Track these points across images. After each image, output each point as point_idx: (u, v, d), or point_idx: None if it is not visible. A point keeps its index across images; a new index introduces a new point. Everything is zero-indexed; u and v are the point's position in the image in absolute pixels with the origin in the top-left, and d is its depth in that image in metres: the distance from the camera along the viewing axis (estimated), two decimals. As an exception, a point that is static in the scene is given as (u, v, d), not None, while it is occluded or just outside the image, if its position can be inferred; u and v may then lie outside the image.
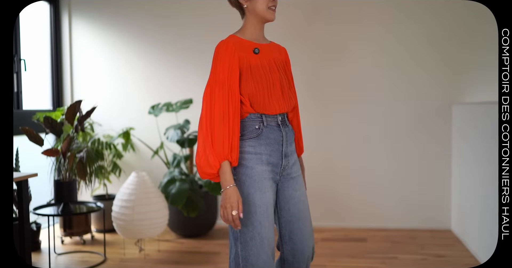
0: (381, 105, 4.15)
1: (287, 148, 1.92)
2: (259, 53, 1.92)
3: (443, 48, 4.07)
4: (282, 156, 1.90)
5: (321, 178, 4.19)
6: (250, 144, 1.87)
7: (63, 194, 3.38)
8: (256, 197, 1.82)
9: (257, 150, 1.86)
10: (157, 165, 4.33)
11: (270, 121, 1.89)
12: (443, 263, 3.29)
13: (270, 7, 1.91)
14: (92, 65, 4.50)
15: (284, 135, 1.92)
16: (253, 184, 1.83)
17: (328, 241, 3.82)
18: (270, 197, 1.85)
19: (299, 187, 1.96)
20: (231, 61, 1.85)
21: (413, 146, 4.13)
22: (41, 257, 3.52)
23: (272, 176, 1.89)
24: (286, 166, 1.92)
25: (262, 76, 1.88)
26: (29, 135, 3.28)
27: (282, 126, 1.92)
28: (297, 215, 1.92)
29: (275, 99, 1.89)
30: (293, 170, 1.96)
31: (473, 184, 3.49)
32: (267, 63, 1.91)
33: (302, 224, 1.93)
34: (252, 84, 1.86)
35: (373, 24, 4.14)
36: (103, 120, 4.42)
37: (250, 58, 1.88)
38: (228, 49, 1.87)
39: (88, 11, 4.49)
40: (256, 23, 1.95)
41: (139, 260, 3.42)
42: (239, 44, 1.90)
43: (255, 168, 1.85)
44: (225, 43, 1.88)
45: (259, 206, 1.82)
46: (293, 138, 1.98)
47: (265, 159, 1.87)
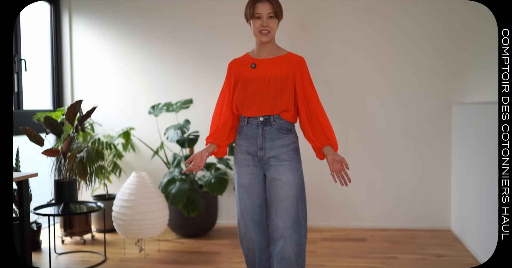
0: (381, 106, 4.15)
1: (264, 143, 2.36)
2: (256, 67, 2.36)
3: (443, 49, 4.07)
4: (257, 148, 2.37)
5: (321, 178, 4.18)
6: (237, 137, 2.45)
7: (64, 194, 3.38)
8: (236, 177, 2.45)
9: (240, 142, 2.42)
10: (157, 165, 4.34)
11: (251, 121, 2.37)
12: (442, 263, 3.29)
13: (260, 31, 2.31)
14: (93, 65, 4.50)
15: (261, 132, 2.36)
16: (236, 168, 2.45)
17: (328, 241, 3.82)
18: (248, 179, 2.40)
19: (279, 174, 2.35)
20: (229, 77, 2.43)
21: (413, 145, 4.13)
22: (42, 257, 3.52)
23: (254, 163, 2.39)
24: (263, 156, 2.37)
25: (250, 87, 2.35)
26: (29, 135, 3.28)
27: (261, 125, 2.36)
28: (274, 196, 2.35)
29: (252, 105, 2.36)
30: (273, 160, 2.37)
31: (473, 184, 3.49)
32: (259, 76, 2.35)
33: (277, 204, 2.35)
34: (240, 93, 2.38)
35: (372, 24, 4.14)
36: (103, 120, 4.42)
37: (245, 73, 2.38)
38: (228, 68, 2.46)
39: (88, 11, 4.49)
40: (258, 42, 2.38)
41: (139, 260, 3.42)
42: (243, 61, 2.42)
43: (237, 155, 2.43)
44: (229, 65, 2.46)
45: (239, 185, 2.43)
46: (278, 135, 2.36)
47: (244, 149, 2.40)
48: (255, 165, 2.39)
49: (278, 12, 2.31)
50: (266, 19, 2.30)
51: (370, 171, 4.18)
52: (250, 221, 2.42)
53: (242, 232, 2.46)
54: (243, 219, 2.44)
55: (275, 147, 2.35)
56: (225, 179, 3.91)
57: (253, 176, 2.39)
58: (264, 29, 2.30)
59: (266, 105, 2.34)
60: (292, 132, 2.41)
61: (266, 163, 2.37)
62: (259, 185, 2.41)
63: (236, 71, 2.42)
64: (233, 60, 2.47)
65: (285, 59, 2.38)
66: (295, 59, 2.39)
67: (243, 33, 3.20)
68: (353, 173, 4.21)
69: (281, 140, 2.36)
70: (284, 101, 2.34)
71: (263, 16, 2.30)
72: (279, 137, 2.36)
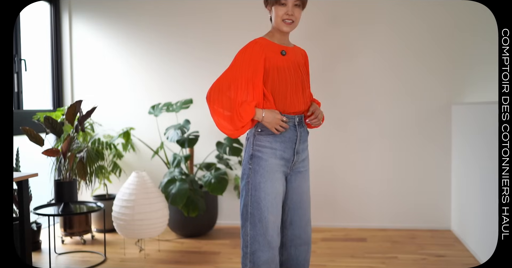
0: (381, 105, 4.15)
1: (299, 146, 2.17)
2: (286, 55, 2.13)
3: (443, 48, 4.06)
4: (294, 152, 2.15)
5: (321, 178, 4.19)
6: (268, 139, 2.13)
7: (64, 194, 3.38)
8: (266, 185, 2.10)
9: (273, 145, 2.12)
10: (157, 165, 4.34)
11: (288, 122, 2.12)
12: (443, 263, 3.29)
13: (284, 20, 2.11)
14: (93, 65, 4.50)
15: (299, 134, 2.16)
16: (265, 174, 2.11)
17: (328, 241, 3.82)
18: (279, 187, 2.12)
19: (305, 180, 2.21)
20: (257, 60, 2.07)
21: (413, 145, 4.13)
22: (42, 257, 3.52)
23: (284, 169, 2.15)
24: (296, 161, 2.17)
25: (287, 77, 2.11)
26: (29, 135, 3.28)
27: (298, 126, 2.16)
28: (299, 204, 2.18)
29: (296, 99, 2.14)
30: (302, 165, 2.21)
31: (473, 184, 3.49)
32: (292, 65, 2.14)
33: (302, 212, 2.19)
34: (278, 84, 2.10)
35: (372, 25, 4.14)
36: (103, 120, 4.42)
37: (277, 59, 2.10)
38: (255, 49, 2.09)
39: (88, 11, 4.49)
40: (277, 30, 2.16)
41: (139, 260, 3.42)
42: (268, 45, 2.12)
43: (268, 161, 2.12)
44: (255, 44, 2.11)
45: (268, 194, 2.10)
46: (306, 136, 2.22)
47: (279, 154, 2.13)
48: (284, 171, 2.17)
49: (305, 1, 2.13)
50: (291, 7, 2.09)
51: (370, 171, 4.18)
52: (277, 240, 2.12)
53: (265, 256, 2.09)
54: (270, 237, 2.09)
55: (303, 149, 2.21)
56: (225, 179, 3.91)
57: (283, 182, 2.16)
58: (289, 18, 2.10)
59: (303, 99, 2.16)
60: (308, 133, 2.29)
61: (296, 168, 2.19)
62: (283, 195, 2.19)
63: (265, 55, 2.09)
64: (255, 42, 2.11)
65: (298, 50, 2.26)
66: (303, 51, 2.31)
67: (246, 32, 3.19)
68: (353, 172, 4.22)
69: (306, 142, 2.24)
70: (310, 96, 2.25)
71: (288, 4, 2.09)
72: (306, 139, 2.23)
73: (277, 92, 2.09)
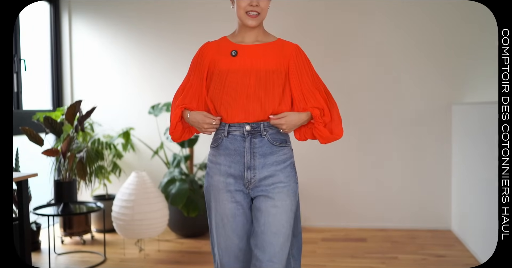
0: (381, 105, 4.15)
1: (253, 160, 1.82)
2: (237, 56, 1.85)
3: (443, 48, 4.06)
4: (244, 168, 1.83)
5: (321, 178, 4.19)
6: (212, 152, 1.91)
7: (63, 194, 3.38)
8: (212, 205, 1.90)
9: (217, 159, 1.88)
10: (157, 165, 4.33)
11: (234, 131, 1.84)
12: (443, 263, 3.28)
13: (248, 12, 1.84)
14: (92, 65, 4.50)
15: (248, 146, 1.82)
16: (211, 192, 1.90)
17: (328, 241, 3.82)
18: (230, 208, 1.85)
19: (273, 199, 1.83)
20: (200, 63, 1.91)
21: (413, 145, 4.12)
22: (41, 257, 3.52)
23: (236, 188, 1.85)
24: (252, 178, 1.83)
25: (231, 81, 1.82)
26: (29, 135, 3.28)
27: (248, 136, 1.83)
28: (263, 227, 1.81)
29: (236, 107, 1.82)
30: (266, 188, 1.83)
31: (473, 184, 3.49)
32: (243, 68, 1.82)
33: (266, 238, 1.80)
34: (218, 89, 1.85)
35: (372, 24, 4.14)
36: (103, 120, 4.42)
37: (223, 62, 1.85)
38: (199, 53, 1.94)
39: (88, 11, 4.48)
40: (242, 25, 1.90)
41: (139, 260, 3.42)
42: (220, 47, 1.90)
43: (213, 178, 1.88)
44: (200, 49, 1.95)
45: (215, 215, 1.89)
46: (271, 149, 1.84)
47: (223, 169, 1.86)
48: (239, 189, 1.84)
49: None
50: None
51: (370, 171, 4.18)
52: (235, 262, 1.88)
53: None
54: (226, 260, 1.88)
55: (268, 164, 1.83)
56: (225, 179, 3.90)
57: (237, 204, 1.84)
58: (253, 10, 1.83)
59: (254, 108, 1.81)
60: (288, 145, 1.90)
61: (256, 186, 1.84)
62: (245, 215, 1.86)
63: (211, 57, 1.89)
64: (207, 43, 1.95)
65: (276, 47, 1.88)
66: (289, 48, 1.89)
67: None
68: (354, 172, 4.22)
69: (276, 155, 1.85)
70: (277, 103, 1.84)
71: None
72: (273, 152, 1.84)
73: (216, 98, 1.85)
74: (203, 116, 1.85)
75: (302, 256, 3.32)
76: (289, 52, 1.89)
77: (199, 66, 1.92)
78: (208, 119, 1.84)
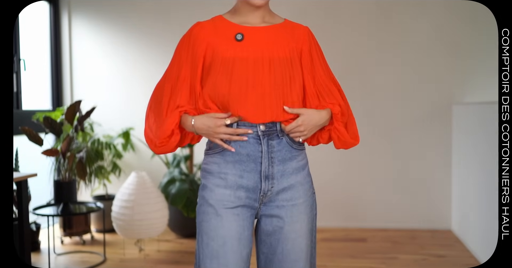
0: (381, 105, 4.15)
1: (272, 168, 1.49)
2: (244, 40, 1.49)
3: (443, 48, 4.06)
4: (261, 177, 1.49)
5: (321, 178, 4.18)
6: (213, 160, 1.52)
7: (63, 194, 3.38)
8: (210, 226, 1.47)
9: (221, 168, 1.50)
10: (157, 165, 4.33)
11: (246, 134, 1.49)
12: (443, 263, 3.28)
13: None
14: (92, 65, 4.50)
15: (265, 149, 1.48)
16: (210, 210, 1.49)
17: (328, 241, 3.82)
18: (233, 228, 1.47)
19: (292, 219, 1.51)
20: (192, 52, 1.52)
21: (413, 145, 4.12)
22: (41, 257, 3.52)
23: (246, 202, 1.50)
24: (269, 191, 1.50)
25: (239, 73, 1.47)
26: (28, 135, 3.28)
27: (264, 138, 1.49)
28: (280, 255, 1.51)
29: (249, 104, 1.47)
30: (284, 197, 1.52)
31: (473, 184, 3.49)
32: (252, 56, 1.48)
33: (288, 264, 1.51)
34: (222, 83, 1.47)
35: (372, 23, 4.14)
36: (103, 120, 4.42)
37: (226, 48, 1.49)
38: (189, 37, 1.54)
39: (88, 11, 4.48)
40: (244, 3, 1.53)
41: (139, 260, 3.42)
42: (218, 28, 1.52)
43: (215, 191, 1.49)
44: (191, 30, 1.56)
45: (213, 239, 1.47)
46: (290, 153, 1.53)
47: (232, 180, 1.49)
48: (249, 205, 1.51)
49: None
50: None
51: (370, 171, 4.18)
52: None
53: None
54: None
55: (288, 173, 1.52)
56: (225, 179, 3.90)
57: (244, 222, 1.49)
58: None
59: (272, 105, 1.48)
60: (304, 148, 1.61)
61: (271, 201, 1.52)
62: (249, 237, 1.51)
63: (208, 42, 1.51)
64: (199, 23, 1.56)
65: (286, 30, 1.56)
66: (300, 31, 1.58)
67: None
68: (354, 172, 4.22)
69: (295, 160, 1.54)
70: (296, 97, 1.52)
71: None
72: (292, 156, 1.53)
73: (220, 94, 1.47)
74: (214, 119, 1.47)
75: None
76: (301, 36, 1.57)
77: (193, 53, 1.52)
78: (219, 121, 1.46)
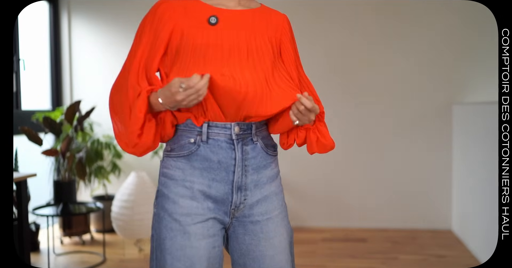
0: (381, 105, 4.15)
1: (245, 178, 1.29)
2: (218, 24, 1.26)
3: (443, 48, 4.06)
4: (233, 188, 1.29)
5: (321, 178, 4.18)
6: (176, 164, 1.30)
7: (63, 194, 3.38)
8: (176, 245, 1.25)
9: (187, 175, 1.28)
10: (157, 165, 4.32)
11: (216, 134, 1.27)
12: (443, 264, 3.28)
13: None
14: (92, 65, 4.50)
15: (239, 156, 1.28)
16: (175, 226, 1.26)
17: (328, 241, 3.82)
18: (202, 247, 1.25)
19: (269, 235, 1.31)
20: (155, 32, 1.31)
21: (413, 146, 4.12)
22: (40, 257, 3.52)
23: (215, 215, 1.29)
24: (241, 203, 1.30)
25: (212, 61, 1.24)
26: (28, 135, 3.28)
27: (238, 143, 1.28)
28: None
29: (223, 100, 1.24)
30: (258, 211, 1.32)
31: (473, 184, 3.49)
32: (227, 42, 1.26)
33: None
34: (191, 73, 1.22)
35: (372, 23, 4.13)
36: (103, 121, 4.41)
37: (197, 32, 1.26)
38: (153, 15, 1.32)
39: (87, 11, 4.48)
40: None
41: (138, 261, 3.42)
42: (189, 8, 1.29)
43: (178, 203, 1.26)
44: (156, 6, 1.33)
45: (179, 259, 1.24)
46: (265, 160, 1.33)
47: (198, 190, 1.27)
48: (219, 218, 1.30)
49: None
50: None
51: (371, 171, 4.18)
52: None
53: None
54: None
55: (262, 183, 1.33)
56: (225, 179, 3.90)
57: (214, 238, 1.28)
58: None
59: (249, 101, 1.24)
60: (277, 153, 1.41)
61: (244, 215, 1.31)
62: (219, 254, 1.30)
63: (175, 23, 1.27)
64: (162, 2, 1.32)
65: (264, 16, 1.34)
66: (278, 19, 1.37)
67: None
68: (354, 172, 4.21)
69: (269, 168, 1.35)
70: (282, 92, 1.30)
71: None
72: (266, 164, 1.34)
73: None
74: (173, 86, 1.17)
75: (302, 256, 3.32)
76: (280, 24, 1.36)
77: (155, 34, 1.31)
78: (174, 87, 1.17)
